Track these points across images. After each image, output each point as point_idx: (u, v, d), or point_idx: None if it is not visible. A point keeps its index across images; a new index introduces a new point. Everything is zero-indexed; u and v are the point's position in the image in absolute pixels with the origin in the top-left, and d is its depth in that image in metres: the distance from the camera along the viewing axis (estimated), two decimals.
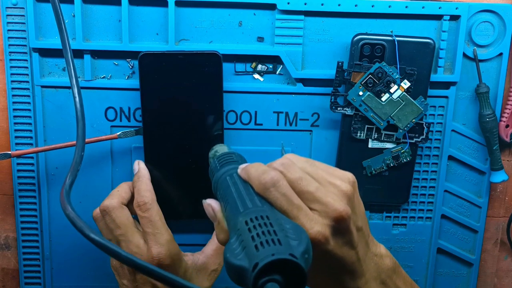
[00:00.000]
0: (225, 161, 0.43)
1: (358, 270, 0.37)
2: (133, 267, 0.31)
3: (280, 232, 0.31)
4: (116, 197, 0.49)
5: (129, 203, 0.50)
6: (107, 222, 0.48)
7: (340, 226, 0.35)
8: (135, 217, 0.49)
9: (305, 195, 0.35)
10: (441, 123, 0.59)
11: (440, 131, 0.59)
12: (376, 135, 0.57)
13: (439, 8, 0.55)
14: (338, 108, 0.56)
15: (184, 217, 0.57)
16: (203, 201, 0.39)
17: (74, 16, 0.54)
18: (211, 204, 0.38)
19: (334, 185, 0.36)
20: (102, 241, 0.33)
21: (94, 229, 0.49)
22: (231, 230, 0.35)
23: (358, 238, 0.37)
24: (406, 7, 0.55)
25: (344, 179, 0.37)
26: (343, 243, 0.36)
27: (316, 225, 0.34)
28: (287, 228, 0.32)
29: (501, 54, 0.57)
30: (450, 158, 0.60)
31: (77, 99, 0.47)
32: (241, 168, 0.38)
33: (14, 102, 0.56)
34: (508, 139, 0.59)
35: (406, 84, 0.55)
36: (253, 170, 0.37)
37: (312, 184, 0.36)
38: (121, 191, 0.50)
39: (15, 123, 0.56)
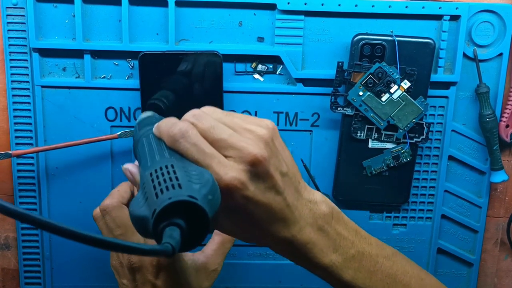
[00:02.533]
0: (144, 124, 0.42)
1: (289, 217, 0.36)
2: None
3: (184, 178, 0.30)
4: (116, 197, 0.49)
5: (129, 203, 0.50)
6: (107, 222, 0.48)
7: (258, 170, 0.33)
8: None
9: (218, 143, 0.34)
10: (441, 123, 0.59)
11: (440, 131, 0.59)
12: (376, 135, 0.57)
13: (439, 8, 0.55)
14: (338, 108, 0.56)
15: None
16: (122, 166, 0.37)
17: (74, 16, 0.54)
18: (128, 168, 0.37)
19: (249, 131, 0.35)
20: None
21: (94, 229, 0.50)
22: (140, 187, 0.33)
23: (283, 184, 0.35)
24: (406, 7, 0.55)
25: (261, 125, 0.35)
26: (265, 188, 0.34)
27: (230, 171, 0.33)
28: (192, 174, 0.31)
29: (501, 54, 0.57)
30: (450, 158, 0.60)
31: None
32: (155, 126, 0.38)
33: (14, 102, 0.56)
34: (508, 139, 0.59)
35: (406, 84, 0.55)
36: (163, 125, 0.36)
37: (225, 131, 0.34)
38: (121, 191, 0.50)
39: (15, 123, 0.56)
